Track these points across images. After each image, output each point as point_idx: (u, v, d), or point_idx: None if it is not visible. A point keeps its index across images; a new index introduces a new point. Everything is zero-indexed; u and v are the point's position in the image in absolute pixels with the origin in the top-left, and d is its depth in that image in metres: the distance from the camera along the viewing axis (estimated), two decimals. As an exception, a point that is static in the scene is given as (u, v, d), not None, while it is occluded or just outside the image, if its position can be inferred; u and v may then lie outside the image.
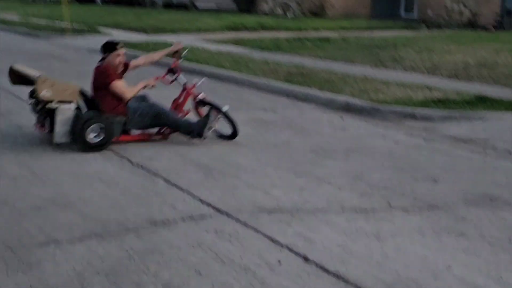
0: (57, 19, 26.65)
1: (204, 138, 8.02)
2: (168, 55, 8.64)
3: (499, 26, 27.45)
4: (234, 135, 8.25)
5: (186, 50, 8.85)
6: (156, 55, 8.60)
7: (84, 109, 7.84)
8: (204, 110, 8.41)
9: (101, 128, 7.53)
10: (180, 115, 8.25)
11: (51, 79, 7.54)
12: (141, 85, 8.00)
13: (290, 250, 4.84)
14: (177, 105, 8.38)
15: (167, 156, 7.46)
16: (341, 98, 11.03)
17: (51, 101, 7.44)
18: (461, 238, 5.13)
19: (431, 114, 9.89)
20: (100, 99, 7.76)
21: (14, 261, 4.51)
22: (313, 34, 22.64)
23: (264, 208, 5.74)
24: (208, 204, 5.80)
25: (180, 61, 8.58)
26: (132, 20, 27.06)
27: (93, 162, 7.16)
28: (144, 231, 5.11)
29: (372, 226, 5.35)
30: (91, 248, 4.77)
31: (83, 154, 7.42)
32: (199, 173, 6.79)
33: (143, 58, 8.63)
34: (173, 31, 23.01)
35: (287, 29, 24.44)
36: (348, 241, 5.03)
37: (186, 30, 23.31)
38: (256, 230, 5.21)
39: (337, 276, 4.41)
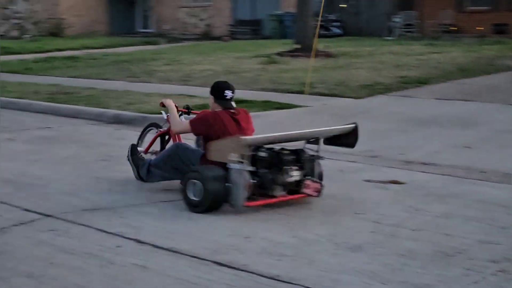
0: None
1: None
2: None
3: (232, 35, 29.87)
4: None
5: None
6: None
7: None
8: None
9: None
10: None
11: None
12: None
13: (123, 236, 5.61)
14: None
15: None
16: (110, 111, 11.82)
17: None
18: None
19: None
20: None
21: None
22: (58, 54, 22.91)
23: (85, 208, 6.41)
24: (30, 210, 6.33)
25: None
26: None
27: None
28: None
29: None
30: None
31: None
32: (8, 187, 7.23)
33: None
34: None
35: (30, 51, 24.29)
36: (168, 224, 5.92)
37: None
38: (86, 226, 5.89)
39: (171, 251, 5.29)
